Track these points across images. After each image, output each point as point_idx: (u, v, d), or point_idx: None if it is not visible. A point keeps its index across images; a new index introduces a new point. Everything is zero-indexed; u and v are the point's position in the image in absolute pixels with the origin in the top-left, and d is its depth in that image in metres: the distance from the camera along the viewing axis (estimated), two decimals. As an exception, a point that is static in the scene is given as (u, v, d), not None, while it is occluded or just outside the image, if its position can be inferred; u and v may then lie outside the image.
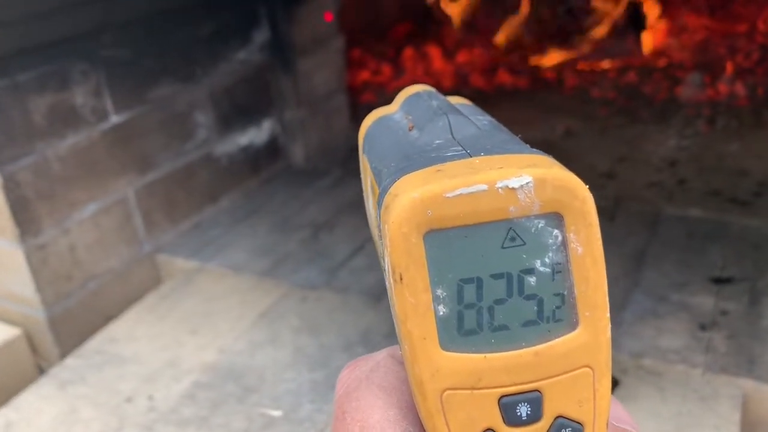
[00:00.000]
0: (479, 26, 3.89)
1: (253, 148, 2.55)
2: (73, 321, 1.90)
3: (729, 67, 3.19)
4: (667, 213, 2.15)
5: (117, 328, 1.82)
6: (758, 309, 1.65)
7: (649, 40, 3.67)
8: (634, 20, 3.59)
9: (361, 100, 3.42)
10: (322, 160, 2.81)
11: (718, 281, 1.77)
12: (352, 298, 1.85)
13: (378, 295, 1.85)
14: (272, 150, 2.66)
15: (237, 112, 2.44)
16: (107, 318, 1.98)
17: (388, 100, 0.44)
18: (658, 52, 3.69)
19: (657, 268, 1.86)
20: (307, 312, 1.81)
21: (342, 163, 2.76)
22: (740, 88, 2.99)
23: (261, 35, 2.51)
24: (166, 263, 2.15)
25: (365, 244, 2.11)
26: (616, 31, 3.58)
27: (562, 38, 3.67)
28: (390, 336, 1.67)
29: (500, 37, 3.81)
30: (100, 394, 1.56)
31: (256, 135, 2.56)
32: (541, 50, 3.70)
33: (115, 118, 1.97)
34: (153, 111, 2.10)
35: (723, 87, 3.03)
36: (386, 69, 3.79)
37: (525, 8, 3.78)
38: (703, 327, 1.60)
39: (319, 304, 1.84)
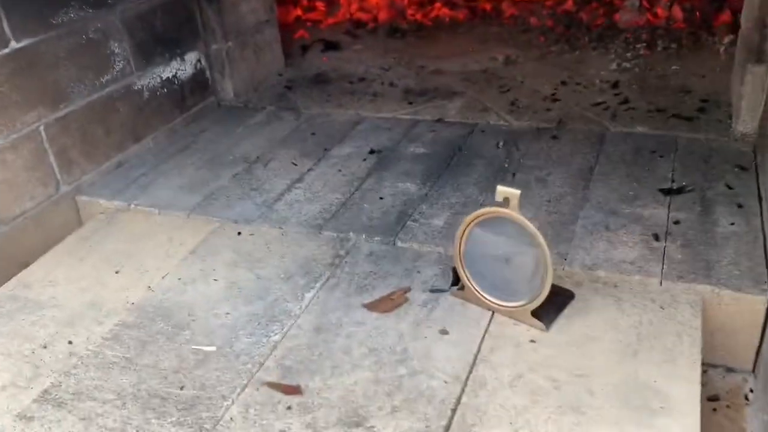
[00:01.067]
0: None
1: (177, 82, 2.36)
2: (-18, 270, 1.73)
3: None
4: (613, 131, 2.10)
5: (32, 273, 1.65)
6: (711, 217, 1.61)
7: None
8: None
9: (294, 37, 3.24)
10: (253, 96, 2.64)
11: (668, 192, 1.73)
12: (290, 229, 1.73)
13: (318, 225, 1.73)
14: (198, 85, 2.47)
15: (157, 42, 2.25)
16: (23, 265, 1.80)
17: (320, 35, 0.32)
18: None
19: (606, 183, 1.81)
20: (241, 246, 1.68)
21: (274, 99, 2.61)
22: (677, 12, 2.96)
23: (179, -43, 2.30)
24: (87, 205, 1.97)
25: (303, 177, 1.99)
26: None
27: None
28: (332, 265, 1.57)
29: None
30: (12, 341, 1.40)
31: (180, 68, 2.37)
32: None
33: (14, 44, 1.76)
34: (60, 38, 1.89)
35: (661, 11, 2.99)
36: (319, 5, 3.60)
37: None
38: (656, 237, 1.55)
39: (255, 238, 1.71)
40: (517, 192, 1.27)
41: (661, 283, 1.41)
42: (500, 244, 1.34)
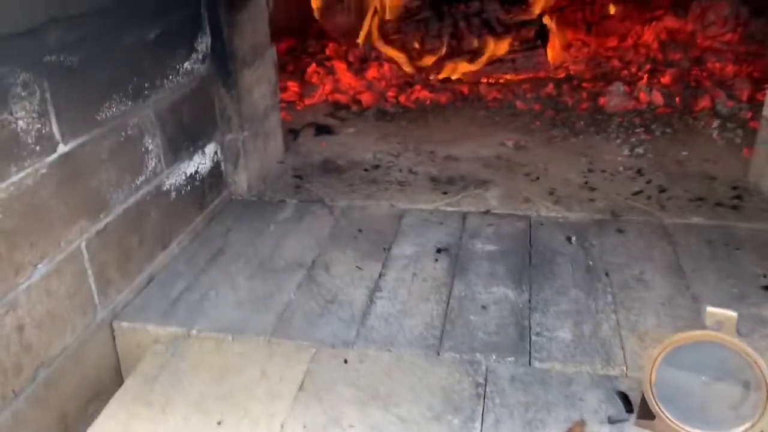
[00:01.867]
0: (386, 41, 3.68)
1: (198, 177, 2.10)
2: (24, 428, 1.36)
3: (645, 78, 3.31)
4: (670, 222, 2.10)
5: (105, 434, 1.32)
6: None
7: (553, 55, 3.72)
8: (540, 35, 3.62)
9: (277, 119, 3.04)
10: (265, 188, 2.41)
11: (771, 289, 1.72)
12: (403, 352, 1.53)
13: (433, 345, 1.54)
14: (216, 179, 2.22)
15: (184, 135, 1.99)
16: (61, 416, 1.46)
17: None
18: (556, 66, 3.75)
19: (704, 281, 1.77)
20: (357, 378, 1.45)
21: (290, 190, 2.39)
22: (658, 97, 3.10)
23: (203, 43, 2.07)
24: (127, 332, 1.65)
25: (379, 284, 1.79)
26: (524, 46, 3.57)
27: (471, 52, 3.58)
28: (478, 396, 1.39)
29: (395, 54, 3.62)
30: None
31: (201, 162, 2.11)
32: (449, 63, 3.58)
33: (62, 148, 1.46)
34: (104, 137, 1.60)
35: (643, 96, 3.12)
36: (291, 85, 3.44)
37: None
38: (795, 340, 1.52)
39: (367, 366, 1.49)
40: (734, 315, 1.18)
41: None
42: (703, 369, 1.23)
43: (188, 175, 2.03)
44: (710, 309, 1.20)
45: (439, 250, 1.96)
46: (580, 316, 1.64)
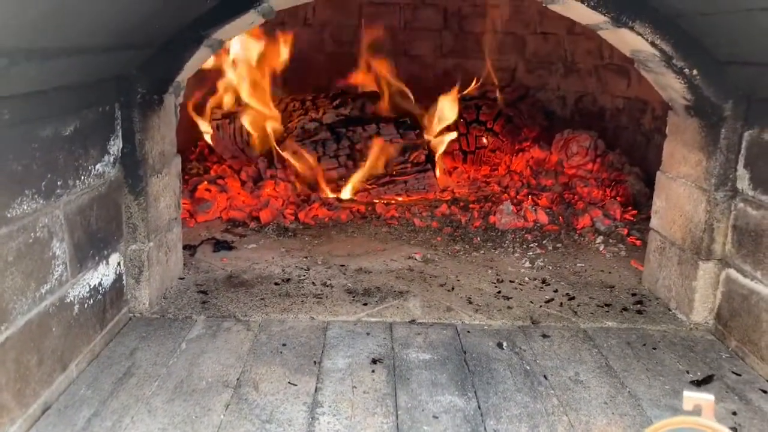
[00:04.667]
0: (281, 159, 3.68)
1: (101, 290, 1.88)
2: None
3: (528, 200, 3.53)
4: (587, 327, 2.16)
5: None
6: (753, 404, 1.69)
7: (442, 178, 3.90)
8: (429, 158, 3.80)
9: (171, 236, 2.86)
10: (167, 305, 2.21)
11: (699, 384, 1.79)
12: (360, 469, 1.38)
13: (392, 459, 1.41)
14: (117, 294, 2.00)
15: (91, 242, 1.80)
16: None
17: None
18: (442, 189, 3.93)
19: (636, 380, 1.81)
20: (316, 501, 1.28)
21: (196, 307, 2.21)
22: (543, 216, 3.31)
23: (116, 145, 1.94)
24: (24, 472, 1.36)
25: (317, 399, 1.64)
26: (414, 168, 3.72)
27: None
28: None
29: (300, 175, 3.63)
30: None
31: (105, 273, 1.91)
32: (340, 184, 3.64)
33: (-33, 245, 1.25)
34: (13, 236, 1.40)
35: (529, 214, 3.32)
36: (183, 202, 3.28)
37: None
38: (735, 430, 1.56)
39: (325, 487, 1.33)
40: (711, 398, 1.20)
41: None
42: (684, 458, 1.22)
43: (92, 287, 1.81)
44: (687, 394, 1.21)
45: (374, 361, 1.86)
46: (532, 419, 1.59)
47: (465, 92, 4.79)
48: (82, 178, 1.72)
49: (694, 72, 2.00)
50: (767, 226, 1.87)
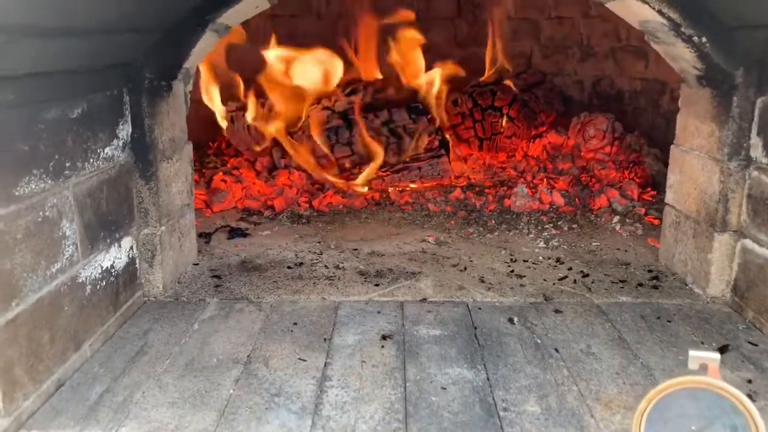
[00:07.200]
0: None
1: (114, 273, 1.91)
2: None
3: (544, 182, 3.51)
4: (602, 302, 2.14)
5: None
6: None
7: (456, 165, 3.88)
8: (443, 144, 3.79)
9: (187, 225, 2.89)
10: (181, 289, 2.23)
11: (721, 351, 1.76)
12: (367, 438, 1.39)
13: (399, 429, 1.41)
14: (130, 277, 2.03)
15: (101, 223, 1.82)
16: None
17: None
18: (457, 175, 3.91)
19: (650, 351, 1.79)
20: (321, 468, 1.29)
21: (210, 290, 2.23)
22: (558, 198, 3.28)
23: (125, 130, 1.97)
24: (37, 444, 1.39)
25: (326, 373, 1.65)
26: (428, 154, 3.71)
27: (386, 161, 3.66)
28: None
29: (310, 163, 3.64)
30: None
31: (117, 256, 1.94)
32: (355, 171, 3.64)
33: (-25, 220, 1.28)
34: (22, 214, 1.43)
35: (545, 196, 3.29)
36: (199, 193, 3.32)
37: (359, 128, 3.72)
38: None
39: (331, 455, 1.33)
40: (717, 356, 1.18)
41: None
42: (690, 418, 1.20)
43: (104, 268, 1.84)
44: (693, 353, 1.19)
45: (384, 337, 1.86)
46: (542, 389, 1.58)
47: (481, 79, 4.76)
48: (91, 160, 1.75)
49: (703, 39, 1.96)
50: (782, 192, 1.84)
